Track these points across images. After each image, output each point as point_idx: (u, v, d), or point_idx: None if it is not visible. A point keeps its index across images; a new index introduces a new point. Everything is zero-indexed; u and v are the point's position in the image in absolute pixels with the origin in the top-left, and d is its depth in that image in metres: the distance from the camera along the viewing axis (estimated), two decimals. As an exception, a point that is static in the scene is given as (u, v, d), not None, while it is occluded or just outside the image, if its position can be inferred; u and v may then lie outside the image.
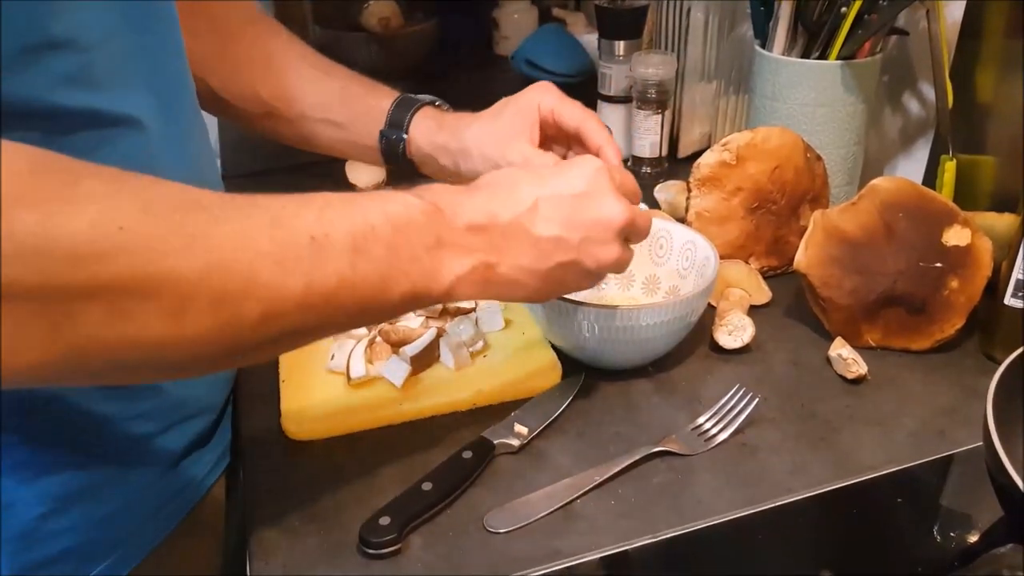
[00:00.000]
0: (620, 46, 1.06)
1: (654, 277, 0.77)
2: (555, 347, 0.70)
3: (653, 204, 0.94)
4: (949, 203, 0.70)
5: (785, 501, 0.57)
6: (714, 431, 0.63)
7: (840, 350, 0.69)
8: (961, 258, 0.69)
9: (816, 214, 0.73)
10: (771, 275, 0.82)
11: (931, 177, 0.86)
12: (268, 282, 0.40)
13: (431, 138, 0.72)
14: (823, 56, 0.85)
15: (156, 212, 0.37)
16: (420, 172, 0.75)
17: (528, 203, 0.52)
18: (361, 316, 0.47)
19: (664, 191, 0.95)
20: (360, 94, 0.75)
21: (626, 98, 1.06)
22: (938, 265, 0.69)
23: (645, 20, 1.08)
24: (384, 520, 0.53)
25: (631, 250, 0.58)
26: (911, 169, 0.95)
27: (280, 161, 1.01)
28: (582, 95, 0.76)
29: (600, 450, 0.61)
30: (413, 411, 0.65)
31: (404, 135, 0.73)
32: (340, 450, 0.62)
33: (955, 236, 0.69)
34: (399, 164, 0.75)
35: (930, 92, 0.90)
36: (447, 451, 0.59)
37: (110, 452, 0.53)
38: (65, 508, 0.51)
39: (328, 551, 0.53)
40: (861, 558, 0.54)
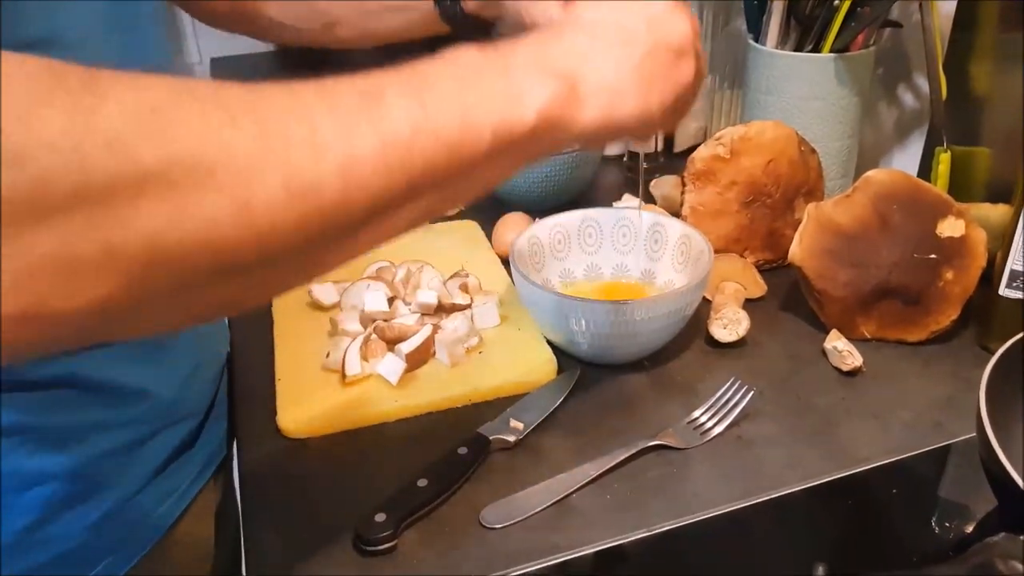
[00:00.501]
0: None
1: (649, 272, 0.77)
2: (550, 342, 0.70)
3: (649, 200, 0.94)
4: (943, 194, 0.70)
5: (781, 493, 0.57)
6: (710, 424, 0.63)
7: (835, 342, 0.69)
8: (956, 249, 0.69)
9: (810, 207, 0.73)
10: (766, 268, 0.82)
11: (926, 169, 0.86)
12: (334, 142, 0.35)
13: None
14: (816, 49, 0.85)
15: (189, 93, 0.33)
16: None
17: (585, 20, 0.48)
18: (459, 169, 0.40)
19: (659, 186, 0.95)
20: None
21: (621, 94, 1.06)
22: (933, 256, 0.69)
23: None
24: (380, 517, 0.53)
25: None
26: (906, 161, 0.95)
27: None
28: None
29: (596, 445, 0.61)
30: (409, 408, 0.65)
31: None
32: (336, 447, 0.62)
33: (949, 227, 0.69)
34: (460, 24, 0.70)
35: (924, 84, 0.90)
36: (443, 447, 0.59)
37: (100, 458, 0.52)
38: (57, 515, 0.50)
39: (324, 548, 0.53)
40: (858, 550, 0.54)
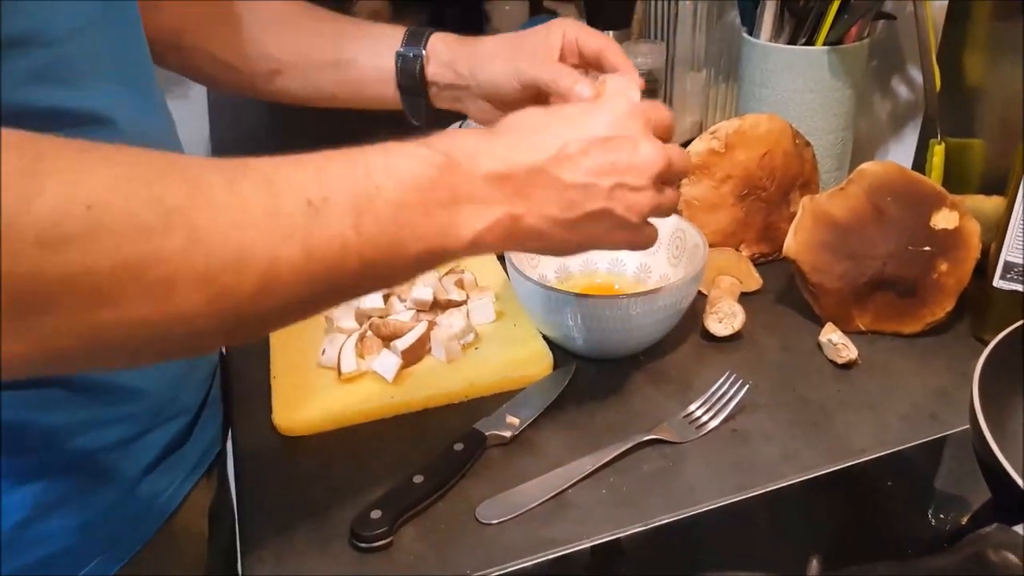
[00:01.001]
0: (609, 36, 1.05)
1: (645, 266, 0.77)
2: (546, 338, 0.70)
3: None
4: (937, 186, 0.70)
5: (777, 487, 0.57)
6: (705, 418, 0.63)
7: (831, 335, 0.69)
8: (950, 241, 0.69)
9: (805, 199, 0.73)
10: (762, 262, 0.83)
11: (920, 161, 0.86)
12: (261, 254, 0.37)
13: (450, 48, 0.70)
14: (810, 42, 0.85)
15: (128, 186, 0.34)
16: (433, 105, 0.73)
17: (554, 148, 0.48)
18: (374, 281, 0.44)
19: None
20: (368, 29, 0.74)
21: (616, 88, 1.06)
22: (927, 248, 0.69)
23: (634, 9, 1.08)
24: (376, 513, 0.53)
25: (674, 193, 0.54)
26: (900, 153, 0.95)
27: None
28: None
29: (592, 439, 0.61)
30: (404, 404, 0.65)
31: (423, 50, 0.70)
32: (332, 444, 0.62)
33: (943, 219, 0.69)
34: (414, 94, 0.72)
35: (918, 76, 0.90)
36: (439, 443, 0.59)
37: (91, 457, 0.52)
38: (47, 514, 0.50)
39: (320, 545, 0.54)
40: (853, 542, 0.54)
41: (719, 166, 0.79)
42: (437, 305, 0.73)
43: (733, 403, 0.63)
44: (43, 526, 0.50)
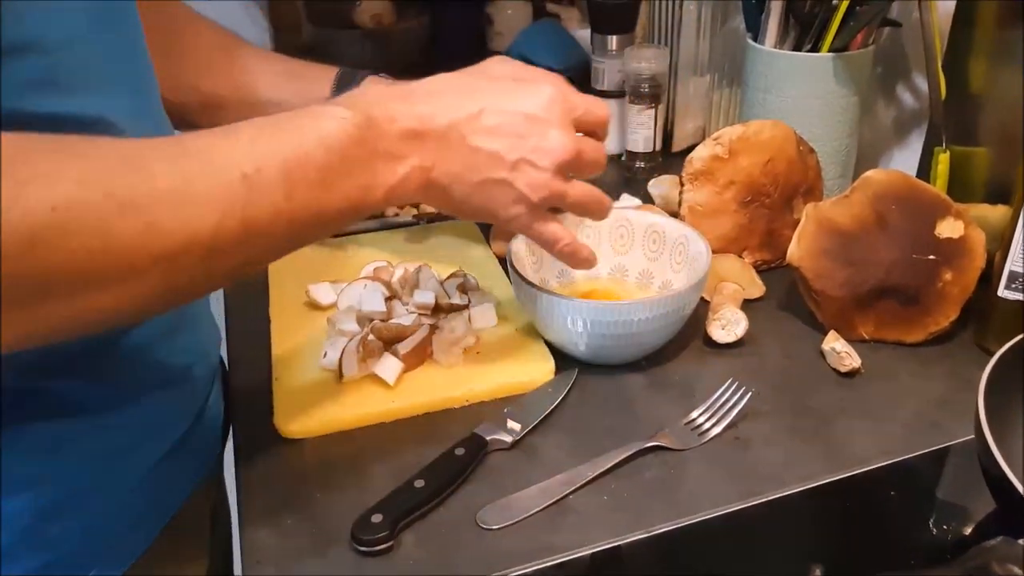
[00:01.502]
0: (613, 41, 1.05)
1: (647, 272, 0.77)
2: (548, 343, 0.70)
3: (647, 199, 0.94)
4: (942, 195, 0.70)
5: (778, 495, 0.57)
6: (707, 425, 0.63)
7: (834, 343, 0.69)
8: (954, 250, 0.69)
9: (808, 207, 0.73)
10: (764, 269, 0.82)
11: (925, 168, 0.85)
12: (206, 229, 0.41)
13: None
14: (815, 48, 0.85)
15: (91, 183, 0.37)
16: None
17: (471, 110, 0.52)
18: (300, 240, 0.48)
19: (657, 185, 0.94)
20: (302, 70, 0.76)
21: (619, 93, 1.06)
22: (931, 257, 0.69)
23: (638, 14, 1.08)
24: (376, 518, 0.53)
25: (583, 186, 0.57)
26: (905, 161, 0.95)
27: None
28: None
29: (593, 445, 0.61)
30: (406, 408, 0.64)
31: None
32: (332, 448, 0.62)
33: (948, 228, 0.69)
34: None
35: (923, 83, 0.90)
36: (440, 448, 0.59)
37: (92, 462, 0.52)
38: (48, 521, 0.50)
39: (320, 549, 0.53)
40: (855, 551, 0.54)
41: (722, 172, 0.79)
42: (439, 309, 0.73)
43: (735, 410, 0.63)
44: (43, 532, 0.50)
